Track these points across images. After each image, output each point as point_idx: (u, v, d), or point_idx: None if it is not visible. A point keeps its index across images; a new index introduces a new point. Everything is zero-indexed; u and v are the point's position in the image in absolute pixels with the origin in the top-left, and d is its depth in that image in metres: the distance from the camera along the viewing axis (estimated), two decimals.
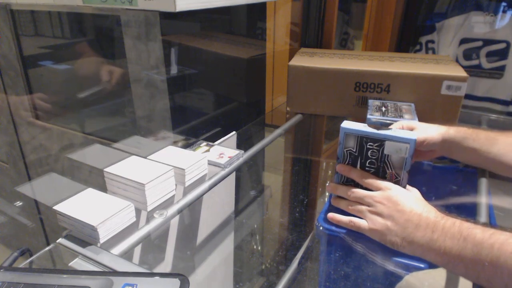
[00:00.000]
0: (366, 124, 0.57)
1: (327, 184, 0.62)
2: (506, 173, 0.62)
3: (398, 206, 0.52)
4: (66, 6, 0.95)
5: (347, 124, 0.57)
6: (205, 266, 0.76)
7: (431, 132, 0.62)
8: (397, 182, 0.56)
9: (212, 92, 1.04)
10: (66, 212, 0.49)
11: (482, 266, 0.43)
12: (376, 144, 0.55)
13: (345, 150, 0.58)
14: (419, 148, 0.63)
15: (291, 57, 1.01)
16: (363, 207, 0.55)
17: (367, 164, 0.57)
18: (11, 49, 1.05)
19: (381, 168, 0.57)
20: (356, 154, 0.57)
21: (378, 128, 0.56)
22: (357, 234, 0.56)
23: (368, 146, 0.56)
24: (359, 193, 0.57)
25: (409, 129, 0.64)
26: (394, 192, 0.54)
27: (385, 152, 0.55)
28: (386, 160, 0.56)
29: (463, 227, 0.46)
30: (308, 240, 0.74)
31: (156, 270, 0.60)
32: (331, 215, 0.58)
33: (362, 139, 0.56)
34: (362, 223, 0.54)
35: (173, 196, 0.60)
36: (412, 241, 0.49)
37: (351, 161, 0.58)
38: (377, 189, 0.55)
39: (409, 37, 1.37)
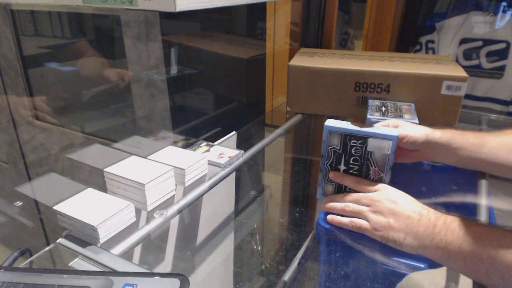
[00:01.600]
0: (349, 122, 0.58)
1: (324, 201, 0.61)
2: (498, 173, 0.62)
3: (397, 204, 0.52)
4: (66, 6, 0.95)
5: (330, 122, 0.58)
6: (205, 266, 0.76)
7: (414, 130, 0.62)
8: (380, 178, 0.57)
9: (212, 92, 1.04)
10: (66, 212, 0.49)
11: (481, 260, 0.43)
12: (359, 142, 0.56)
13: (329, 148, 0.59)
14: (401, 145, 0.62)
15: (291, 57, 1.01)
16: (363, 207, 0.55)
17: (351, 162, 0.58)
18: (11, 49, 1.05)
19: (365, 165, 0.58)
20: (340, 151, 0.58)
21: (361, 126, 0.57)
22: (357, 234, 0.56)
23: (351, 144, 0.57)
24: (356, 195, 0.57)
25: (394, 127, 0.64)
26: (391, 192, 0.54)
27: (368, 149, 0.56)
28: (369, 157, 0.57)
29: (463, 222, 0.47)
30: (308, 240, 0.74)
31: (156, 270, 0.60)
32: (330, 217, 0.58)
33: (346, 136, 0.57)
34: (363, 223, 0.54)
35: (173, 196, 0.60)
36: (415, 235, 0.49)
37: (335, 159, 0.59)
38: (373, 191, 0.56)
39: (409, 37, 1.37)
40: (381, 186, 0.56)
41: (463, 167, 0.65)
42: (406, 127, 0.63)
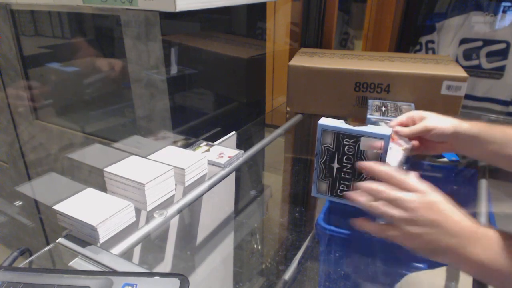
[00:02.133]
0: (343, 121, 0.58)
1: (353, 187, 0.53)
2: None
3: (437, 214, 0.45)
4: (66, 6, 0.95)
5: (324, 121, 0.59)
6: (205, 266, 0.76)
7: (442, 121, 0.59)
8: (373, 177, 0.57)
9: (212, 92, 1.04)
10: (66, 212, 0.49)
11: None
12: (352, 140, 0.57)
13: (323, 146, 0.59)
14: (428, 137, 0.60)
15: (291, 57, 1.01)
16: (396, 213, 0.46)
17: (344, 160, 0.58)
18: (11, 49, 1.05)
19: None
20: (334, 150, 0.59)
21: (355, 125, 0.57)
22: (356, 234, 0.56)
23: (344, 142, 0.57)
24: (390, 194, 0.47)
25: (420, 118, 0.62)
26: (433, 197, 0.46)
27: (361, 148, 0.57)
28: (362, 156, 0.57)
29: (505, 239, 0.43)
30: (308, 240, 0.74)
31: (156, 270, 0.60)
32: (360, 221, 0.51)
33: (339, 135, 0.57)
34: (394, 233, 0.47)
35: (173, 196, 0.60)
36: (466, 257, 0.43)
37: (328, 157, 0.60)
38: (410, 190, 0.47)
39: (409, 37, 1.37)
40: (420, 186, 0.47)
41: (486, 162, 0.61)
42: (434, 119, 0.60)
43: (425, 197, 0.46)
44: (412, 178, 0.48)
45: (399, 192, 0.47)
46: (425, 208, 0.45)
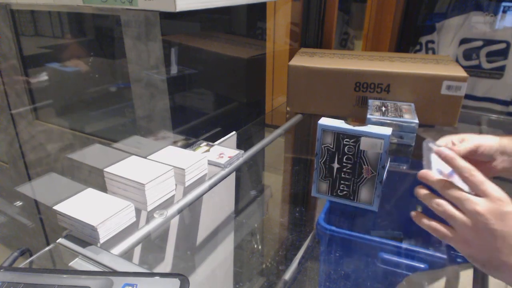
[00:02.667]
0: (343, 121, 0.59)
1: (419, 172, 0.48)
2: None
3: (505, 225, 0.40)
4: (66, 6, 0.95)
5: (324, 121, 0.59)
6: (205, 266, 0.76)
7: (485, 139, 0.54)
8: (373, 177, 0.58)
9: (212, 92, 1.04)
10: (66, 212, 0.49)
11: None
12: (352, 140, 0.57)
13: (323, 146, 0.59)
14: (476, 157, 0.54)
15: (291, 57, 1.01)
16: (457, 214, 0.43)
17: (344, 160, 0.59)
18: (11, 49, 1.05)
19: (358, 164, 0.58)
20: (334, 150, 0.59)
21: (355, 125, 0.57)
22: (357, 235, 0.56)
23: (344, 142, 0.58)
24: (457, 193, 0.43)
25: (461, 140, 0.55)
26: (505, 204, 0.41)
27: (361, 147, 0.57)
28: (362, 156, 0.57)
29: None
30: (308, 240, 0.74)
31: (156, 270, 0.60)
32: (416, 214, 0.48)
33: (339, 135, 0.58)
34: (448, 234, 0.44)
35: (173, 196, 0.60)
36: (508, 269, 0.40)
37: (329, 157, 0.60)
38: (481, 193, 0.42)
39: (409, 37, 1.36)
40: (498, 193, 0.42)
41: None
42: (476, 137, 0.55)
43: (498, 206, 0.41)
44: (492, 184, 0.43)
45: (468, 194, 0.43)
46: (495, 217, 0.41)
